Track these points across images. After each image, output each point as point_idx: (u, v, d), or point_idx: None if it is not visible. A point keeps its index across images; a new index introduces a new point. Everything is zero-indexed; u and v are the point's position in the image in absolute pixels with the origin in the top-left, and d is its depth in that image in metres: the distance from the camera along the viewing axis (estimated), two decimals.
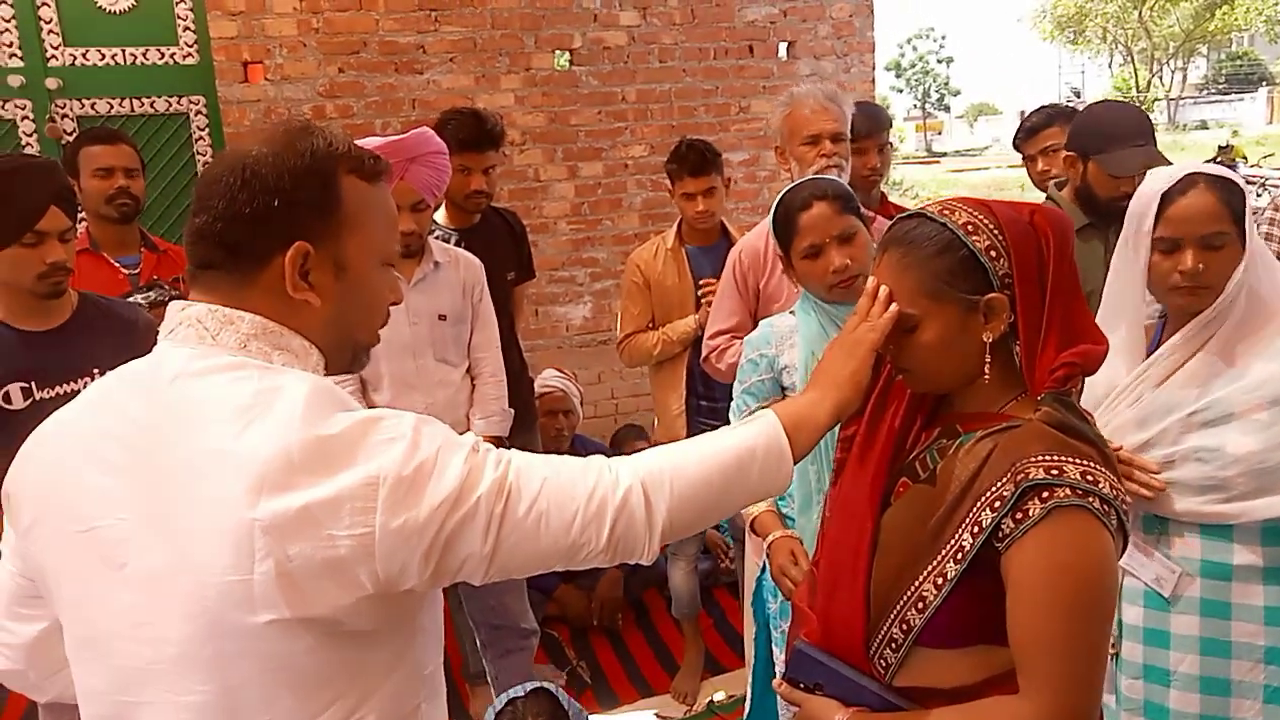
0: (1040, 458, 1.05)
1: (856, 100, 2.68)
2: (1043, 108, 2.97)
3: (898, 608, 1.13)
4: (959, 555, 1.08)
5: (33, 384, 1.89)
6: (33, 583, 1.04)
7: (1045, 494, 1.04)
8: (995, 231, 1.13)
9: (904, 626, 1.12)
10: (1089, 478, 1.04)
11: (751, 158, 5.11)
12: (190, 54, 4.18)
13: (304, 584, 0.87)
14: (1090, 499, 1.03)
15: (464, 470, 0.92)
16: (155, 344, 1.04)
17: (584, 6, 4.63)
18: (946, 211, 1.16)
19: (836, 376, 1.19)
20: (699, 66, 4.88)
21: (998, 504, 1.06)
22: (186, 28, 4.16)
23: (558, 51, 4.65)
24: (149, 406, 0.94)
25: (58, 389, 1.92)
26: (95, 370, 1.93)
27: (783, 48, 5.06)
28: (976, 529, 1.07)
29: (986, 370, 1.15)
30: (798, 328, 1.94)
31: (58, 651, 1.04)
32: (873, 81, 5.35)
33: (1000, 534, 1.06)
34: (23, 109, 4.01)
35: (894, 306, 1.16)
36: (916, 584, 1.11)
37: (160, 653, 0.90)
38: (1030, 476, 1.04)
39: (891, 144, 2.91)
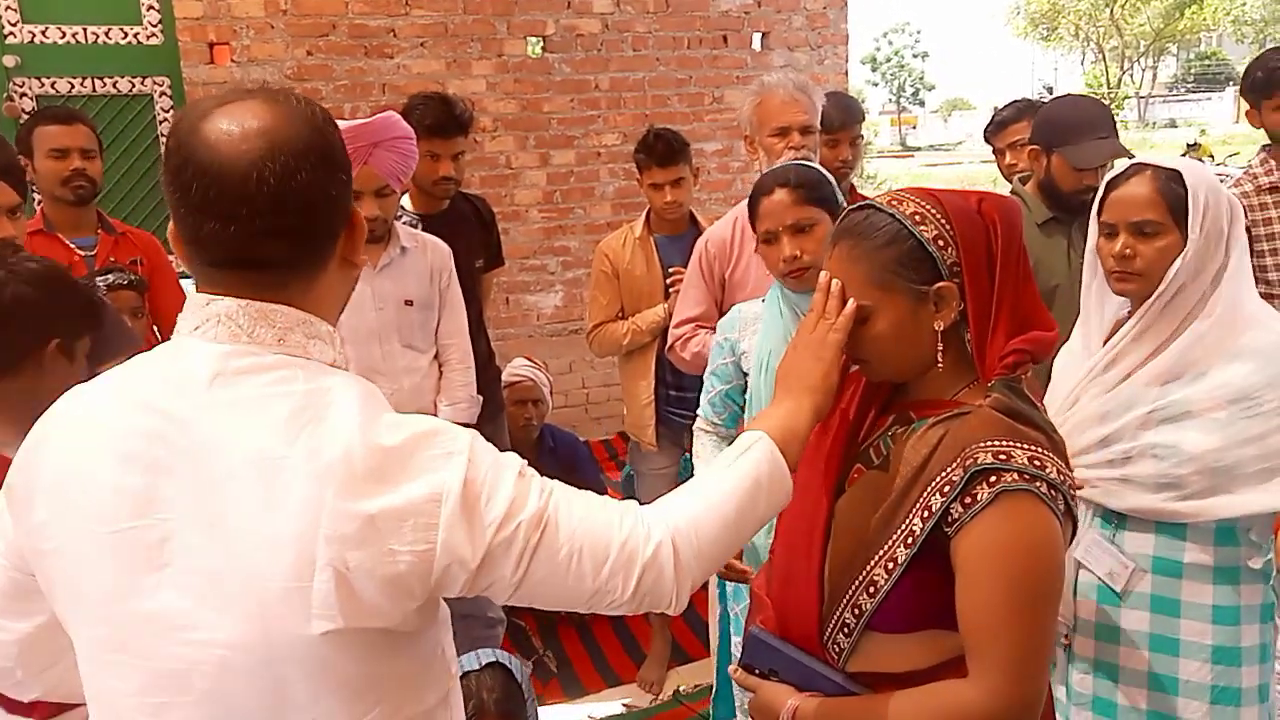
0: (989, 443, 1.06)
1: (830, 92, 2.67)
2: (1012, 102, 2.99)
3: (849, 593, 1.14)
4: (909, 540, 1.09)
5: None
6: (31, 578, 0.98)
7: (993, 478, 1.05)
8: (943, 221, 1.13)
9: (855, 611, 1.13)
10: (1036, 462, 1.06)
11: (725, 148, 5.11)
12: (154, 34, 4.10)
13: (362, 595, 0.85)
14: (1037, 483, 1.05)
15: (513, 493, 0.90)
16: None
17: None
18: (895, 202, 1.16)
19: (808, 380, 1.17)
20: (672, 55, 4.87)
21: (947, 489, 1.07)
22: (150, 6, 4.07)
23: (531, 38, 4.62)
24: (188, 406, 0.88)
25: None
26: None
27: (756, 38, 5.06)
28: (926, 514, 1.08)
29: (940, 358, 1.15)
30: (763, 314, 1.94)
31: (49, 649, 1.03)
32: (846, 74, 5.37)
33: (949, 519, 1.07)
34: None
35: (851, 302, 1.16)
36: (868, 569, 1.12)
37: (206, 654, 0.87)
38: (979, 461, 1.05)
39: (864, 137, 2.91)
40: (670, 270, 2.80)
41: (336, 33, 4.26)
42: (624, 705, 3.02)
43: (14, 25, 3.92)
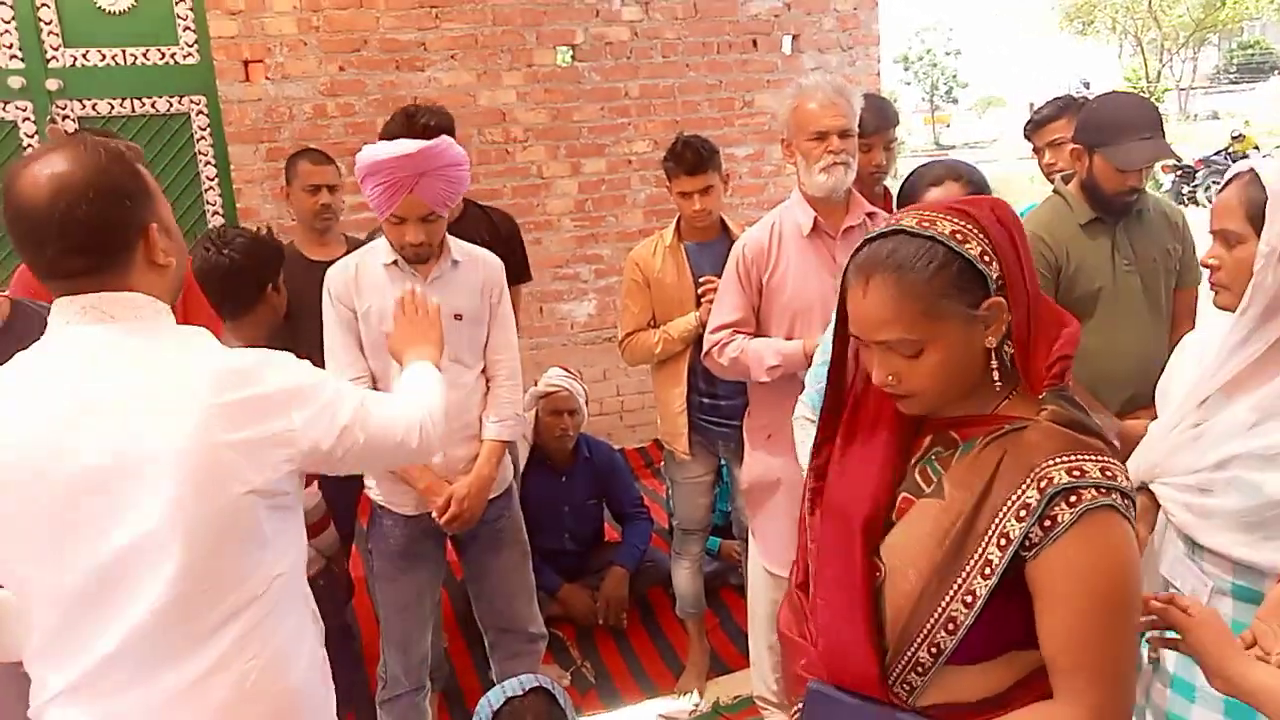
0: (1058, 460, 1.03)
1: (863, 94, 2.62)
2: (1053, 99, 2.92)
3: (924, 632, 1.08)
4: (986, 570, 1.04)
5: None
6: None
7: (1072, 498, 1.02)
8: (980, 234, 1.08)
9: (933, 650, 1.08)
10: (1108, 474, 1.03)
11: (756, 152, 5.07)
12: (190, 54, 4.16)
13: (256, 456, 1.23)
14: (1113, 495, 1.02)
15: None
16: None
17: (586, 2, 4.60)
18: (926, 224, 1.09)
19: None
20: (702, 61, 4.85)
21: (1023, 513, 1.03)
22: (186, 27, 4.14)
23: (560, 47, 4.62)
24: (96, 371, 1.20)
25: None
26: None
27: (787, 41, 5.02)
28: (1004, 541, 1.04)
29: (995, 376, 1.10)
30: None
31: None
32: (878, 75, 5.31)
33: (1027, 543, 1.03)
34: (24, 110, 4.00)
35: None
36: (944, 605, 1.06)
37: (140, 533, 1.17)
38: (1055, 482, 1.02)
39: (898, 139, 2.86)
40: (701, 279, 2.77)
41: (368, 48, 4.30)
42: (662, 716, 2.99)
43: (56, 50, 4.00)
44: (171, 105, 4.18)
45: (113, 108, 4.10)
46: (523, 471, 3.25)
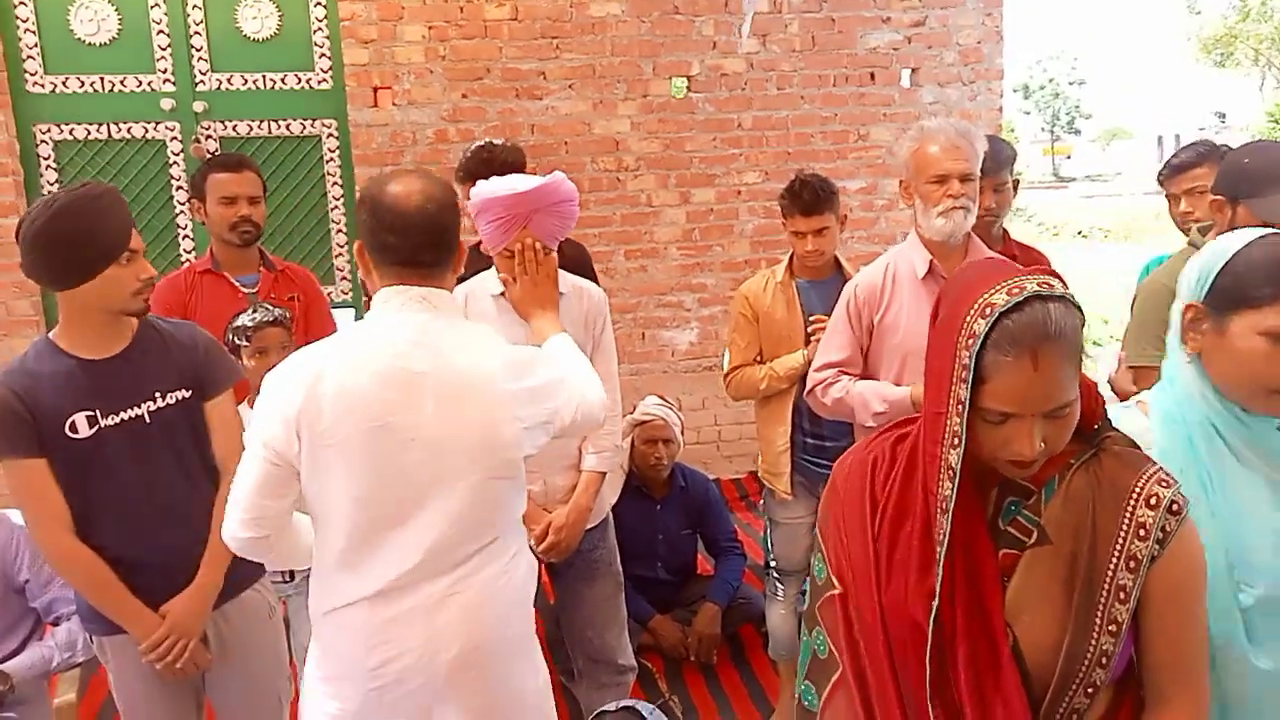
0: (1148, 477, 1.11)
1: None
2: (1191, 144, 2.77)
3: (1080, 675, 1.09)
4: (1122, 595, 1.08)
5: (97, 412, 1.87)
6: (291, 467, 1.55)
7: (1174, 507, 1.09)
8: (1063, 283, 1.12)
9: (1090, 690, 1.09)
10: (1174, 481, 1.11)
11: (869, 185, 5.00)
12: (325, 79, 4.37)
13: (532, 432, 1.62)
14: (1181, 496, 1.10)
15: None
16: (219, 358, 2.03)
17: (703, 34, 4.63)
18: (1048, 287, 1.09)
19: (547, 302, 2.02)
20: (818, 93, 4.82)
21: (1142, 533, 1.08)
22: (323, 54, 4.35)
23: (675, 78, 4.66)
24: (425, 347, 1.56)
25: (120, 415, 1.89)
26: (155, 393, 1.93)
27: (905, 74, 4.95)
28: (1133, 564, 1.08)
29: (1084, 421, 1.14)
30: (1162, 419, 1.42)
31: (290, 522, 1.62)
32: (1000, 109, 5.18)
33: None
34: (172, 130, 4.27)
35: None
36: (1093, 643, 1.09)
37: (443, 481, 1.56)
38: (1163, 498, 1.09)
39: (1014, 180, 2.77)
40: (811, 318, 2.73)
41: (490, 76, 4.43)
42: None
43: (204, 75, 4.27)
44: (305, 128, 4.39)
45: (251, 129, 4.33)
46: (618, 499, 3.26)
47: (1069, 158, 45.70)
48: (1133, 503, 1.08)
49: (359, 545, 1.56)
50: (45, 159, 4.19)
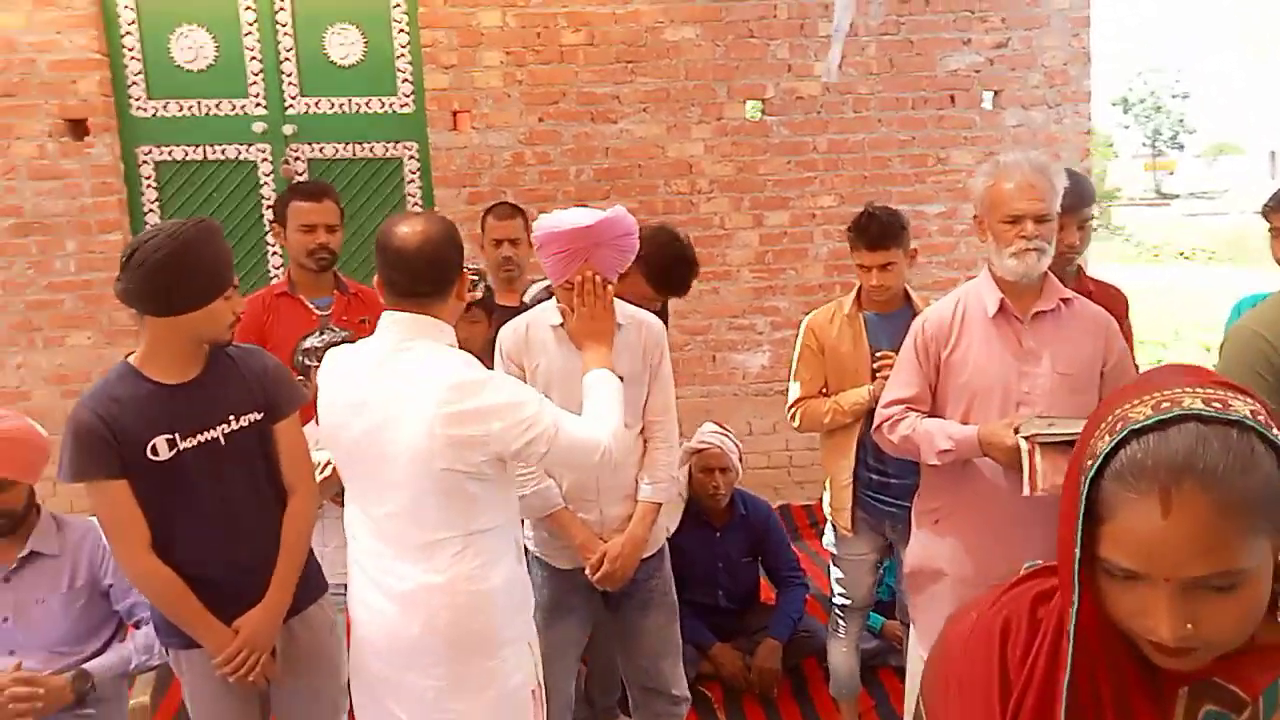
0: None
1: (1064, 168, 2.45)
2: None
3: None
4: None
5: (176, 435, 1.96)
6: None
7: None
8: (1265, 409, 0.83)
9: None
10: None
11: (948, 210, 4.90)
12: (407, 103, 4.51)
13: (457, 448, 1.76)
14: None
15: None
16: (287, 383, 2.16)
17: (778, 57, 4.62)
18: (1219, 404, 0.81)
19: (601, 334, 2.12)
20: (895, 116, 4.75)
21: None
22: (405, 79, 4.49)
23: (750, 101, 4.66)
24: (384, 366, 1.83)
25: (198, 437, 1.98)
26: (230, 416, 2.02)
27: (988, 97, 4.84)
28: None
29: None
30: None
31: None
32: (1088, 133, 5.01)
33: None
34: (263, 152, 4.46)
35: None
36: None
37: (391, 474, 1.82)
38: None
39: (1094, 216, 2.68)
40: (878, 353, 2.69)
41: (566, 100, 4.50)
42: None
43: (294, 99, 4.44)
44: (387, 150, 4.53)
45: (336, 151, 4.49)
46: (678, 526, 3.25)
47: (1172, 173, 43.88)
48: None
49: (353, 507, 1.94)
50: (146, 179, 4.42)
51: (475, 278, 2.51)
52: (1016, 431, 2.10)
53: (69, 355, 4.37)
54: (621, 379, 2.29)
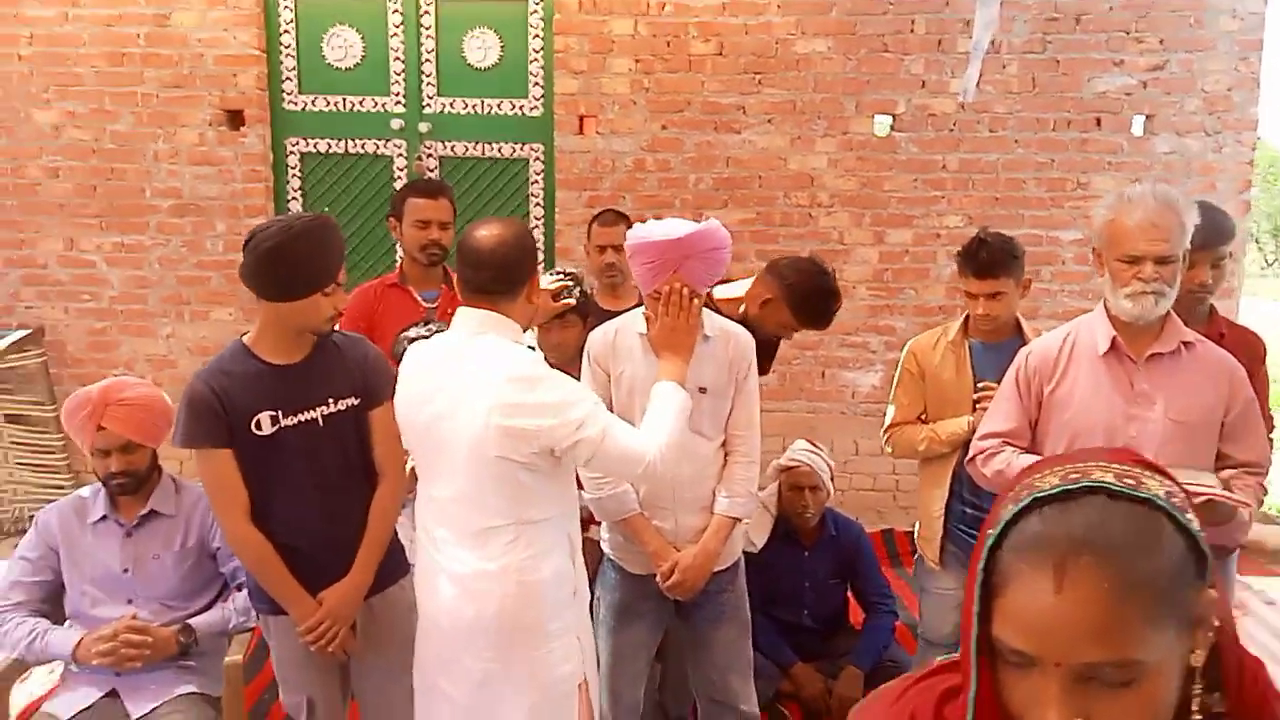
0: None
1: (1197, 203, 2.26)
2: None
3: None
4: None
5: (279, 412, 2.08)
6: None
7: None
8: (1183, 494, 0.78)
9: None
10: None
11: (1085, 237, 4.64)
12: (536, 106, 4.63)
13: (511, 440, 1.84)
14: None
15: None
16: (385, 372, 2.21)
17: (912, 72, 4.50)
18: (1131, 481, 0.76)
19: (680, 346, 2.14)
20: (1034, 138, 4.54)
21: None
22: (536, 83, 4.61)
23: (879, 116, 4.55)
24: (457, 356, 1.94)
25: (298, 417, 2.10)
26: (329, 399, 2.13)
27: (1138, 122, 4.56)
28: None
29: (1196, 713, 0.76)
30: None
31: None
32: (1251, 163, 4.66)
33: None
34: (399, 148, 4.67)
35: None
36: None
37: (451, 458, 1.92)
38: None
39: (1232, 255, 2.49)
40: (980, 384, 2.58)
41: (690, 109, 4.52)
42: None
43: (431, 98, 4.64)
44: (515, 151, 4.67)
45: (466, 149, 4.66)
46: (765, 541, 3.21)
47: None
48: None
49: (423, 489, 2.05)
50: (292, 169, 4.70)
51: (571, 283, 2.55)
52: None
53: (211, 329, 4.71)
54: (704, 390, 2.29)
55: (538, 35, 4.57)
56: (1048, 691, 0.72)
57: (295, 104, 4.66)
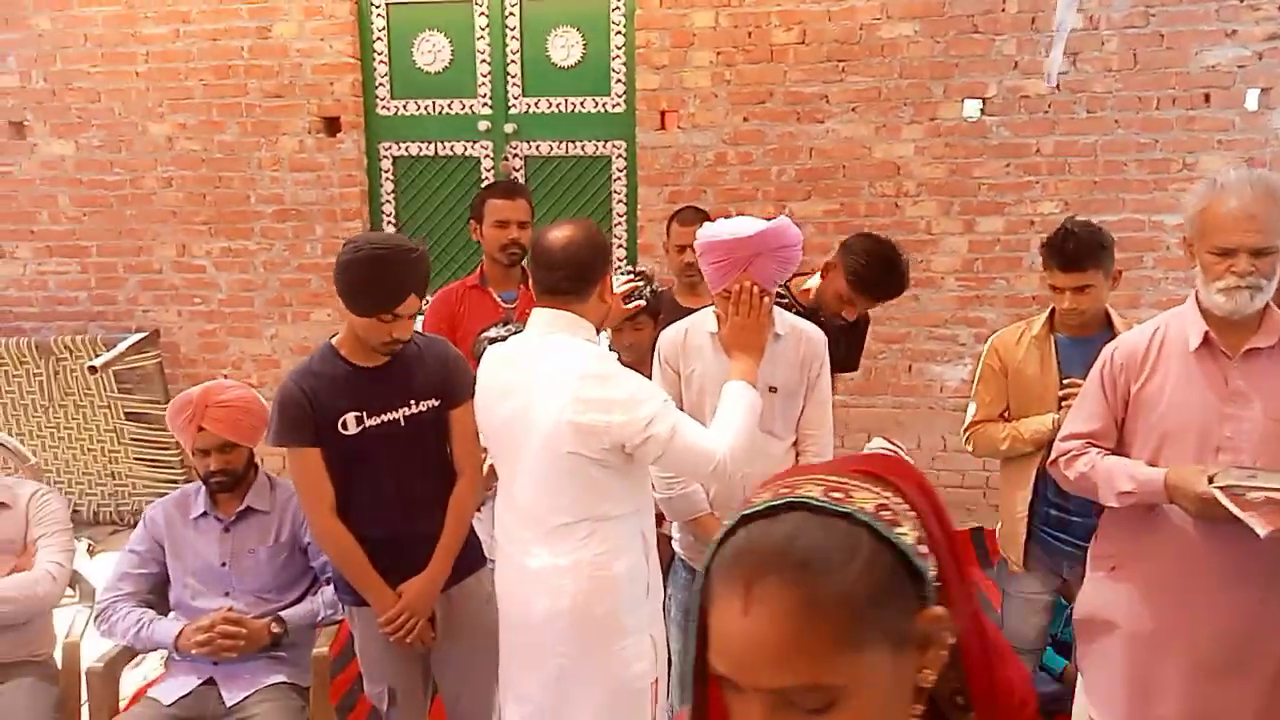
0: None
1: None
2: None
3: None
4: None
5: (364, 413, 2.17)
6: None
7: None
8: (910, 511, 0.74)
9: None
10: None
11: None
12: (619, 103, 4.66)
13: (581, 433, 1.88)
14: None
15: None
16: (464, 373, 2.27)
17: (1003, 54, 4.34)
18: (839, 494, 0.73)
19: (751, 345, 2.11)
20: (1136, 117, 4.33)
21: None
22: (618, 80, 4.64)
23: (969, 100, 4.41)
24: (531, 355, 2.00)
25: (382, 417, 2.18)
26: (411, 400, 2.20)
27: (1253, 96, 4.29)
28: None
29: None
30: None
31: None
32: None
33: None
34: (486, 149, 4.78)
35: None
36: None
37: (526, 453, 2.00)
38: None
39: None
40: (1065, 380, 2.49)
41: (773, 100, 4.47)
42: None
43: (516, 99, 4.72)
44: (597, 148, 4.71)
45: (551, 149, 4.73)
46: None
47: None
48: None
49: (504, 485, 2.11)
50: (385, 172, 4.87)
51: (641, 283, 2.57)
52: (1211, 480, 1.89)
53: (311, 329, 4.92)
54: (775, 390, 2.28)
55: (620, 31, 4.60)
56: (750, 717, 0.69)
57: (388, 109, 4.81)
